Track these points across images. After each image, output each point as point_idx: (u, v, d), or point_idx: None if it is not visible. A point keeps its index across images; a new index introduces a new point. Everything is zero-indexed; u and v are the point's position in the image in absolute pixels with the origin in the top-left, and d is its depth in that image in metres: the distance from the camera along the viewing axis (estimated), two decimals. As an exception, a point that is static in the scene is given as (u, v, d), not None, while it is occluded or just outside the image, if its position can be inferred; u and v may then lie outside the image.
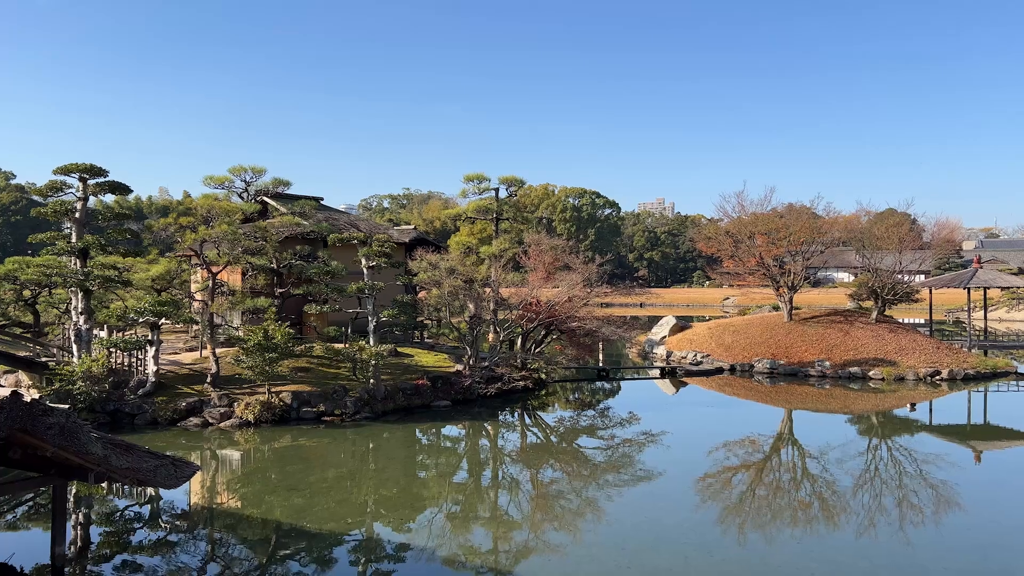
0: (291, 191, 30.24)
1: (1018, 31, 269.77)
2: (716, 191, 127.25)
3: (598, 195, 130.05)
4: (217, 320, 23.08)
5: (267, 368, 20.72)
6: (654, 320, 45.13)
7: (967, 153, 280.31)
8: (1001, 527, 12.73)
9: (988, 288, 36.85)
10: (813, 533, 12.58)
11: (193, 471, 9.60)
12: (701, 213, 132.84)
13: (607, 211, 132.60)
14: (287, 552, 11.75)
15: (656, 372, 32.41)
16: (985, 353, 33.50)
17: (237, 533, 12.65)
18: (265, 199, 29.67)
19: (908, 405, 25.66)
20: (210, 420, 20.11)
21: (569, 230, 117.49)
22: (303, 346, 23.98)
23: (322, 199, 32.59)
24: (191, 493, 14.82)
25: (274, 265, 25.48)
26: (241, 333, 22.38)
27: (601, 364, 31.20)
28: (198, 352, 24.56)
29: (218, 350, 21.94)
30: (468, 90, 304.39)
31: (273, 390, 20.95)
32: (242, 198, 29.86)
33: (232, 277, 26.02)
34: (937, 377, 29.62)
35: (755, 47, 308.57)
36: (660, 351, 36.82)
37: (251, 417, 20.05)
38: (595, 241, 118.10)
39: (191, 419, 20.10)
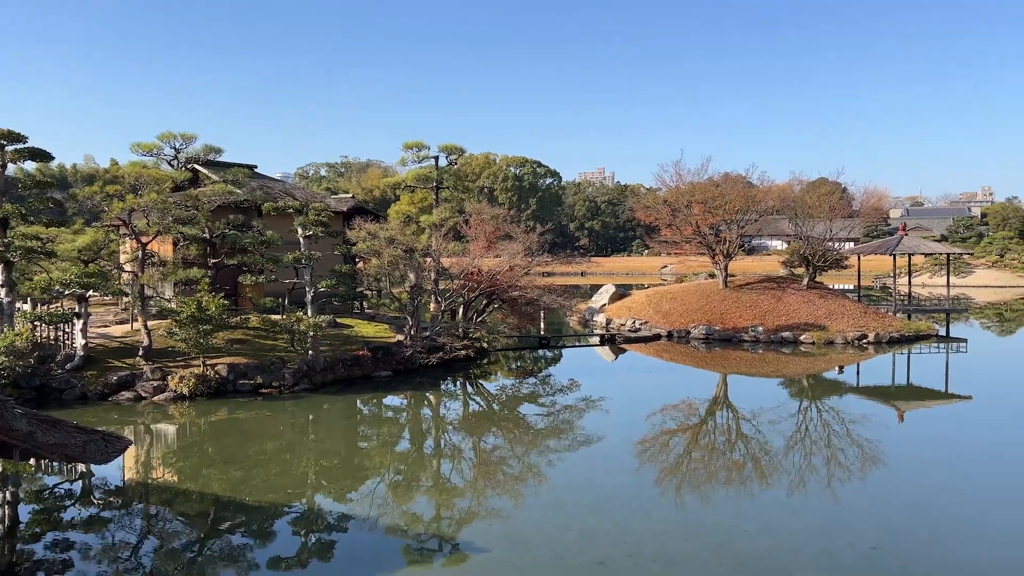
0: (223, 159, 29.32)
1: (940, 9, 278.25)
2: (655, 161, 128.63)
3: (539, 164, 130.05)
4: (148, 292, 22.39)
5: (201, 340, 20.23)
6: (595, 289, 45.58)
7: (895, 124, 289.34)
8: (922, 482, 13.36)
9: (913, 255, 38.28)
10: (747, 493, 12.98)
11: (125, 446, 9.33)
12: (640, 183, 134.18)
13: (548, 180, 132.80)
14: (226, 525, 11.59)
15: (596, 340, 32.82)
16: (909, 317, 34.89)
17: (174, 508, 12.41)
18: (196, 167, 28.73)
19: (836, 368, 26.61)
20: (143, 394, 19.59)
21: (511, 199, 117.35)
22: (239, 318, 23.48)
23: (256, 167, 31.74)
24: (125, 469, 14.45)
25: (207, 235, 24.78)
26: (174, 305, 21.75)
27: (543, 332, 31.43)
28: (129, 325, 23.81)
29: (150, 322, 21.31)
30: (406, 56, 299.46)
31: (208, 363, 20.50)
32: (172, 166, 28.87)
33: (163, 247, 25.21)
34: (864, 340, 30.76)
35: (694, 15, 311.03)
36: (600, 319, 37.26)
37: (186, 390, 19.60)
38: (537, 210, 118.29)
39: (123, 393, 19.54)
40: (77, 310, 20.53)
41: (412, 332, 24.66)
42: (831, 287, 37.76)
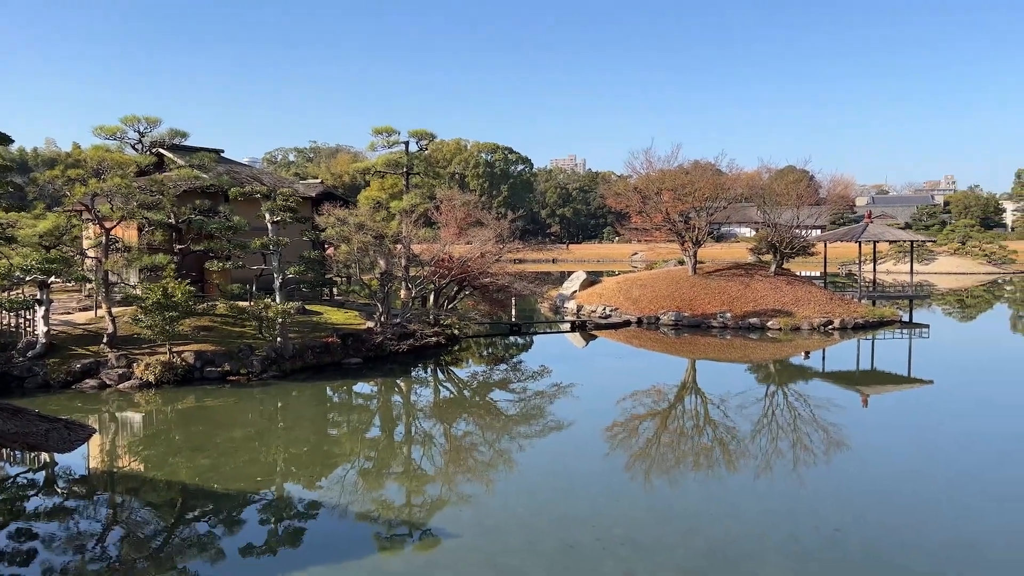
0: (189, 143, 28.84)
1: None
2: (626, 148, 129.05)
3: (511, 151, 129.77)
4: (112, 278, 21.99)
5: (167, 327, 19.94)
6: (566, 275, 45.74)
7: (861, 114, 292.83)
8: (885, 466, 13.63)
9: (878, 242, 38.92)
10: (714, 477, 13.15)
11: (89, 434, 9.17)
12: (611, 170, 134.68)
13: (520, 167, 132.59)
14: (194, 514, 11.48)
15: (567, 326, 32.94)
16: (873, 303, 35.49)
17: (140, 496, 12.26)
18: (161, 151, 28.20)
19: (803, 353, 27.01)
20: (108, 382, 19.28)
21: (482, 186, 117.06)
22: (205, 304, 23.18)
23: (222, 151, 31.27)
24: (89, 457, 14.23)
25: (172, 220, 24.38)
26: (139, 291, 21.39)
27: (514, 319, 31.45)
28: (93, 312, 23.41)
29: (115, 309, 20.96)
30: (376, 42, 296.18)
31: (175, 350, 20.22)
32: (136, 150, 28.31)
33: (127, 233, 24.75)
34: (830, 326, 31.24)
35: (667, 11, 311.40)
36: (571, 305, 37.39)
37: (152, 378, 19.32)
38: (508, 197, 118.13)
39: (87, 381, 19.22)
40: (39, 296, 20.12)
41: (382, 319, 24.54)
42: (798, 274, 38.27)
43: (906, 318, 34.33)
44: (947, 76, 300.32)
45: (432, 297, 28.74)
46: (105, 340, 20.28)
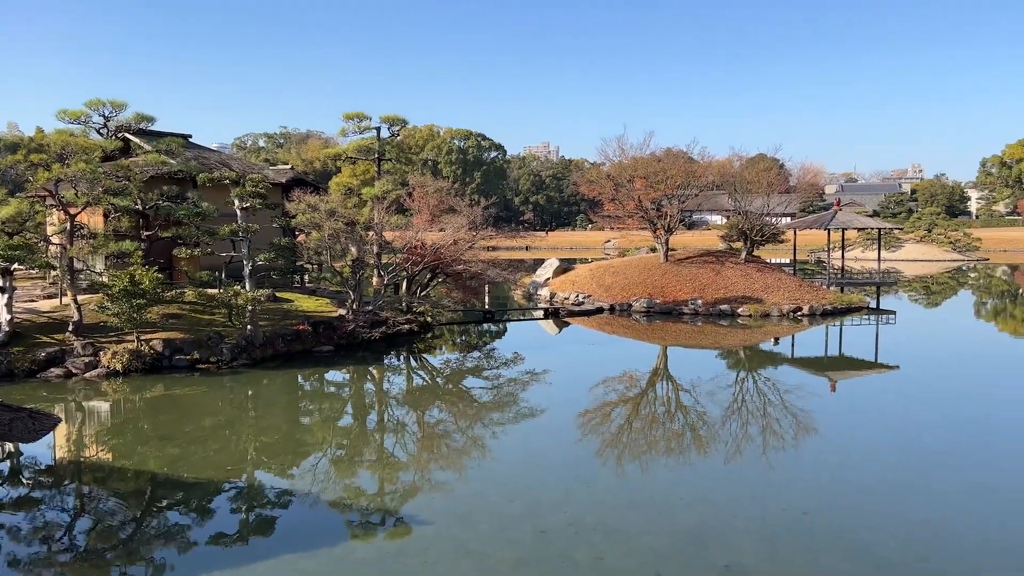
0: (156, 128, 28.30)
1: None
2: (600, 136, 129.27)
3: (484, 137, 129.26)
4: (78, 265, 21.61)
5: (135, 315, 19.65)
6: (539, 263, 45.75)
7: (831, 103, 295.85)
8: (852, 450, 13.86)
9: (846, 229, 39.42)
10: (685, 462, 13.29)
11: (54, 423, 9.05)
12: (585, 157, 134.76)
13: (493, 154, 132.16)
14: (164, 503, 11.37)
15: (540, 313, 32.99)
16: (842, 290, 35.98)
17: (108, 486, 12.11)
18: (127, 136, 27.65)
19: (772, 339, 27.34)
20: (74, 370, 18.96)
21: (455, 172, 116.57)
22: (174, 291, 22.84)
23: (190, 137, 30.74)
24: (56, 447, 13.99)
25: (139, 206, 23.96)
26: (105, 278, 21.02)
27: (487, 306, 31.43)
28: (58, 299, 22.98)
29: (80, 297, 20.59)
30: (346, 26, 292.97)
31: (143, 338, 19.93)
32: (101, 135, 27.71)
33: (93, 219, 24.30)
34: (799, 313, 31.63)
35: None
36: (544, 293, 37.45)
37: (119, 366, 19.04)
38: (481, 184, 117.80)
39: (52, 370, 18.88)
40: (1, 284, 19.70)
41: (354, 306, 24.38)
42: (768, 261, 38.67)
43: (873, 305, 34.87)
44: (915, 66, 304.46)
45: (404, 284, 28.61)
46: (71, 328, 19.93)
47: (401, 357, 23.84)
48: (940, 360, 23.78)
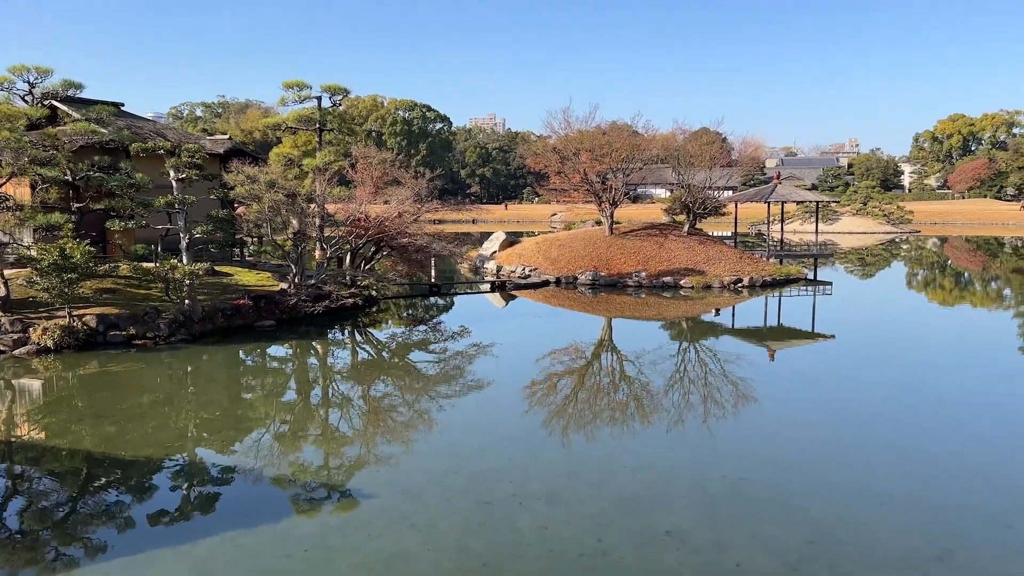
0: (85, 95, 27.17)
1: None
2: (545, 108, 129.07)
3: (429, 108, 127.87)
4: (4, 238, 20.74)
5: (66, 290, 18.98)
6: (486, 236, 45.65)
7: (771, 77, 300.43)
8: (789, 416, 14.28)
9: (786, 202, 40.29)
10: (629, 431, 13.51)
11: (-20, 403, 8.70)
12: (531, 130, 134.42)
13: (439, 125, 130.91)
14: (101, 482, 11.09)
15: (487, 286, 33.00)
16: (781, 262, 36.84)
17: (42, 466, 11.75)
18: (54, 103, 26.49)
19: (713, 310, 27.89)
20: (1, 348, 18.28)
21: (400, 144, 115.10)
22: (107, 265, 22.16)
23: (123, 105, 29.62)
24: (-18, 428, 13.50)
25: (69, 177, 23.05)
26: (34, 252, 20.24)
27: (433, 280, 31.28)
28: (-17, 275, 22.03)
29: (7, 271, 19.80)
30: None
31: (75, 313, 19.28)
32: (26, 102, 26.46)
33: (19, 190, 23.27)
34: (739, 284, 32.31)
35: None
36: (491, 266, 37.44)
37: (50, 343, 18.41)
38: (427, 156, 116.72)
39: (-22, 348, 18.17)
40: (-79, 259, 18.80)
41: (296, 280, 23.99)
42: (710, 234, 39.31)
43: (811, 276, 35.82)
44: (853, 43, 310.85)
45: (348, 258, 28.25)
46: (-3, 304, 19.17)
47: (345, 331, 23.60)
48: (874, 329, 24.60)
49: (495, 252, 39.36)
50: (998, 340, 22.84)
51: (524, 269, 35.09)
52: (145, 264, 22.36)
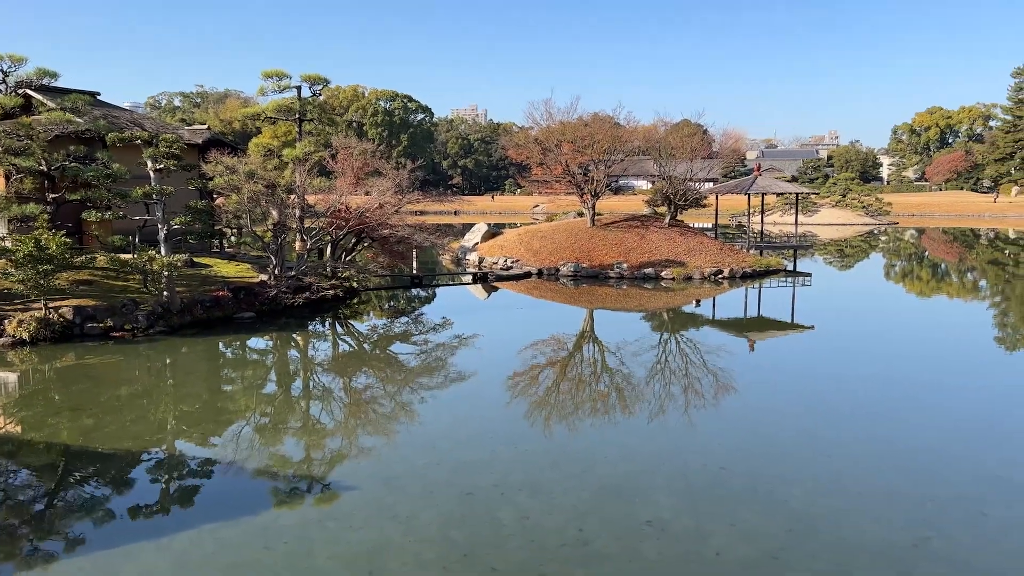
0: (61, 84, 26.76)
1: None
2: (527, 99, 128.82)
3: (410, 99, 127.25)
4: (-23, 229, 20.41)
5: (42, 281, 18.73)
6: (468, 227, 45.59)
7: (753, 69, 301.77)
8: (769, 407, 14.39)
9: (766, 194, 40.49)
10: (610, 421, 13.56)
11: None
12: (513, 121, 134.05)
13: (420, 116, 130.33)
14: (79, 475, 10.98)
15: (469, 278, 32.95)
16: (761, 253, 37.09)
17: (18, 460, 11.59)
18: (29, 92, 26.08)
19: (694, 302, 28.03)
20: (-24, 341, 18.02)
21: (381, 135, 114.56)
22: (84, 257, 21.89)
23: (99, 94, 29.24)
24: (-44, 421, 13.31)
25: (44, 167, 22.72)
26: (8, 243, 19.94)
27: (415, 271, 31.20)
28: (-44, 266, 21.68)
29: (-19, 263, 19.48)
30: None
31: (51, 305, 19.04)
32: (0, 91, 26.06)
33: (-7, 181, 22.94)
34: (720, 276, 32.49)
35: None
36: (473, 257, 37.38)
37: (26, 335, 18.17)
38: (408, 147, 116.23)
39: (-48, 341, 17.90)
40: None
41: (276, 272, 23.82)
42: (691, 225, 39.48)
43: (790, 267, 36.07)
44: (834, 36, 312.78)
45: (329, 249, 28.09)
46: (-29, 296, 18.88)
47: (326, 323, 23.48)
48: (852, 320, 24.83)
49: (477, 244, 39.31)
50: (974, 331, 23.14)
51: (506, 260, 35.08)
52: (123, 255, 22.09)
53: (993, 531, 9.03)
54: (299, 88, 28.13)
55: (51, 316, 18.81)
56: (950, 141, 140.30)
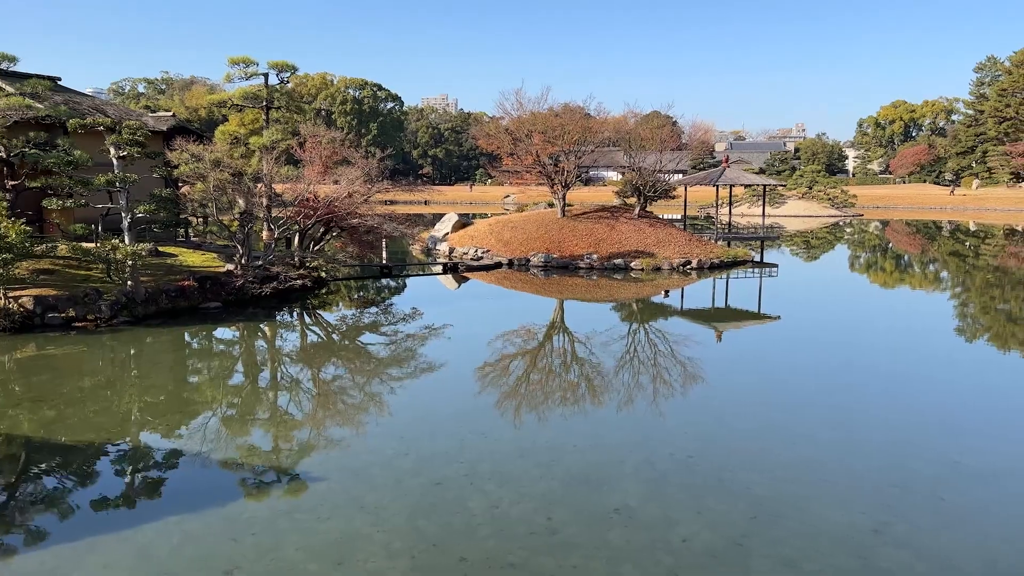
0: (19, 68, 26.12)
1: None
2: (498, 89, 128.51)
3: (380, 87, 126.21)
4: (-67, 217, 19.86)
5: (1, 271, 18.31)
6: (438, 217, 45.40)
7: (721, 61, 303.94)
8: (735, 396, 14.58)
9: (734, 186, 40.93)
10: (580, 412, 13.63)
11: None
12: (484, 111, 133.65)
13: (390, 105, 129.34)
14: (40, 468, 10.79)
15: (439, 268, 32.86)
16: (728, 244, 37.47)
17: (-25, 453, 11.35)
18: (-14, 77, 25.45)
19: (663, 292, 28.26)
20: (-68, 332, 17.59)
21: (350, 123, 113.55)
22: (45, 245, 21.45)
23: (60, 79, 28.59)
24: (-88, 414, 12.98)
25: (3, 154, 22.19)
26: (-34, 232, 19.45)
27: (384, 262, 31.02)
28: (-90, 255, 21.10)
29: (-64, 252, 18.96)
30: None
31: (10, 295, 18.64)
32: (-45, 74, 25.38)
33: (-51, 167, 22.36)
34: (688, 266, 32.78)
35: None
36: (443, 248, 37.27)
37: (-15, 326, 17.78)
38: (378, 136, 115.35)
39: (-93, 331, 17.45)
40: None
41: (243, 261, 23.54)
42: (660, 216, 39.74)
43: (757, 258, 36.50)
44: (801, 26, 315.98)
45: (297, 239, 27.82)
46: (-73, 286, 18.42)
47: (294, 313, 23.28)
48: (818, 310, 25.22)
49: (447, 234, 39.19)
50: (935, 321, 23.62)
51: (476, 251, 35.03)
52: (85, 244, 21.67)
53: (950, 514, 9.26)
54: (266, 75, 27.70)
55: (11, 306, 18.41)
56: (914, 135, 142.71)
